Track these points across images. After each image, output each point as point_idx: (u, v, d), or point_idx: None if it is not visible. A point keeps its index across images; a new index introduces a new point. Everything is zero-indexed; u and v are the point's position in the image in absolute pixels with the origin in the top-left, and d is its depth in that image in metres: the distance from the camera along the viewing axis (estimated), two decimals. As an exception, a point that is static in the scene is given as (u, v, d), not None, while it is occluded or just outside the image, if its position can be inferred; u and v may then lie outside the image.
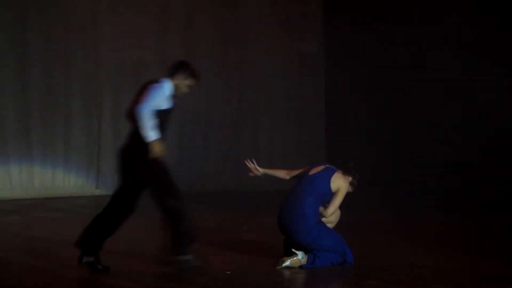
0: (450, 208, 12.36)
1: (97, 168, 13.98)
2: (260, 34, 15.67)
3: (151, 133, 6.66)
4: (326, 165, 7.47)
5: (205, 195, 14.10)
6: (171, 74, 7.05)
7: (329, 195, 7.21)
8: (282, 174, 7.77)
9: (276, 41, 15.82)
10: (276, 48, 15.82)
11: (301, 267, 7.03)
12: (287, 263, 7.03)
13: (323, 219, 7.25)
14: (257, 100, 15.70)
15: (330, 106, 16.40)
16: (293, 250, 7.07)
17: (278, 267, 7.02)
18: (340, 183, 7.22)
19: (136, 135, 6.76)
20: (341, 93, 16.02)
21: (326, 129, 16.48)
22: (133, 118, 6.77)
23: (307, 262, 7.05)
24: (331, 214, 7.24)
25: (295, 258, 7.04)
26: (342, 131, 16.09)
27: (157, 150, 6.72)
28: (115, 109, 14.11)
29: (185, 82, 7.08)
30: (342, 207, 7.31)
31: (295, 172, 7.63)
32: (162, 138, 6.82)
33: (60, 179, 13.56)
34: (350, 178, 7.34)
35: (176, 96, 7.02)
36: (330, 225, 7.30)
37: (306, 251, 7.08)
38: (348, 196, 7.29)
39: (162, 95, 6.83)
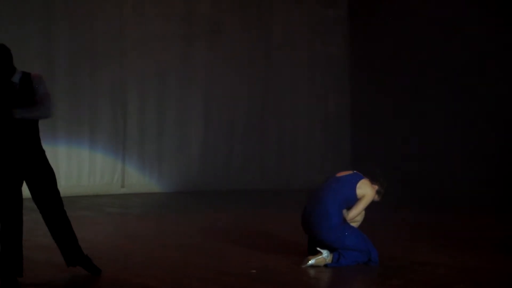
0: (475, 207, 12.28)
1: (123, 167, 14.03)
2: (286, 36, 15.64)
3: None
4: (354, 171, 7.44)
5: (229, 193, 14.11)
6: None
7: (353, 200, 7.18)
8: None
9: (302, 43, 15.80)
10: (302, 51, 15.79)
11: (326, 265, 7.02)
12: (312, 261, 7.01)
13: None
14: (282, 100, 15.66)
15: (355, 109, 16.36)
16: (318, 248, 7.06)
17: (303, 266, 7.01)
18: (366, 190, 7.18)
19: None
20: (366, 95, 15.96)
21: (351, 132, 16.44)
22: None
23: (332, 260, 7.03)
24: (353, 218, 7.21)
25: (320, 256, 7.02)
26: (367, 133, 16.00)
27: None
28: (140, 109, 14.16)
29: None
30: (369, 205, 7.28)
31: None
32: None
33: (85, 178, 13.63)
34: (376, 187, 7.30)
35: None
36: (354, 224, 7.27)
37: (331, 249, 7.06)
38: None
39: None
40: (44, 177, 6.50)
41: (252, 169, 15.36)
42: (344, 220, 7.16)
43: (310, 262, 7.01)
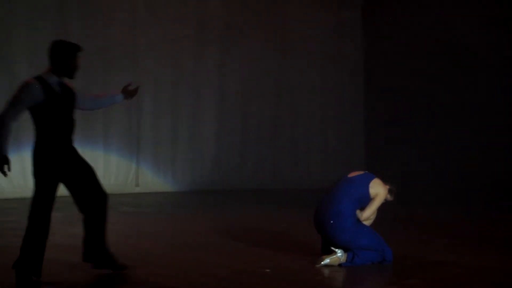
0: (494, 207, 12.25)
1: (137, 166, 14.07)
2: (300, 38, 15.66)
3: None
4: (366, 171, 7.46)
5: (243, 192, 14.13)
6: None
7: (366, 200, 7.19)
8: None
9: (316, 45, 15.80)
10: (316, 52, 15.80)
11: (340, 265, 7.02)
12: (327, 261, 7.01)
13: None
14: (295, 100, 15.69)
15: (369, 110, 16.36)
16: (332, 248, 7.06)
17: (317, 265, 7.02)
18: (379, 189, 7.19)
19: None
20: (380, 96, 15.96)
21: (365, 131, 16.44)
22: None
23: (347, 260, 7.03)
24: (367, 218, 7.21)
25: (334, 256, 7.02)
26: (381, 134, 15.99)
27: None
28: (155, 109, 14.21)
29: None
30: (383, 205, 7.28)
31: None
32: None
33: (100, 177, 13.62)
34: (388, 186, 7.30)
35: None
36: (367, 223, 7.28)
37: (345, 249, 7.07)
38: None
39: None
40: (86, 172, 6.84)
41: (266, 169, 15.38)
42: (358, 220, 7.17)
43: (324, 261, 7.02)
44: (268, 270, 6.87)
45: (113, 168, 13.81)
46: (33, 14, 12.84)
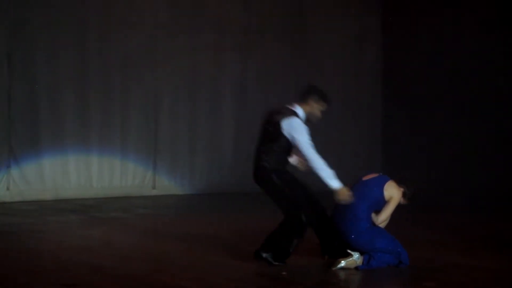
0: (502, 209, 12.21)
1: (154, 169, 14.11)
2: (319, 45, 15.67)
3: (331, 180, 7.11)
4: (380, 173, 7.46)
5: (260, 195, 14.11)
6: (303, 99, 7.33)
7: (381, 202, 7.19)
8: None
9: (336, 52, 15.83)
10: (336, 59, 15.82)
11: (356, 268, 7.02)
12: (343, 264, 7.01)
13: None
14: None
15: (387, 118, 16.36)
16: (349, 251, 7.06)
17: (333, 268, 7.02)
18: (393, 192, 7.20)
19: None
20: (399, 105, 15.95)
21: (382, 141, 16.47)
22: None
23: (363, 263, 7.03)
24: (382, 222, 7.21)
25: (350, 259, 7.02)
26: (399, 142, 15.96)
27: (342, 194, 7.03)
28: (171, 111, 14.25)
29: (318, 107, 7.36)
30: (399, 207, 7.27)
31: None
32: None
33: (117, 180, 13.72)
34: (403, 189, 7.29)
35: (308, 121, 7.29)
36: (381, 225, 7.27)
37: (361, 252, 7.06)
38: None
39: (303, 128, 7.20)
40: None
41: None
42: (373, 223, 7.17)
43: (340, 264, 7.02)
44: (284, 273, 6.88)
45: (130, 170, 13.85)
46: (53, 25, 12.89)
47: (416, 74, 15.65)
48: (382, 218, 7.18)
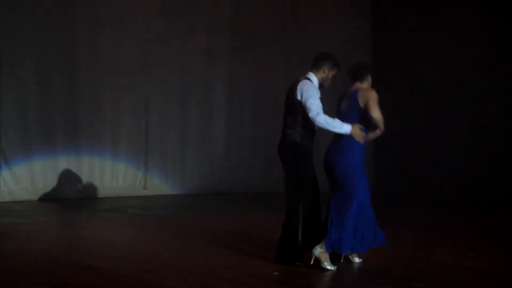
0: (504, 210, 12.23)
1: (145, 169, 14.10)
2: (311, 48, 15.65)
3: (342, 128, 7.23)
4: (350, 91, 7.53)
5: (252, 195, 14.14)
6: (316, 67, 7.54)
7: (364, 113, 7.25)
8: None
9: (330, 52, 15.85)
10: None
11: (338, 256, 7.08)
12: (316, 252, 7.00)
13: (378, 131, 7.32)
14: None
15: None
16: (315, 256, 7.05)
17: (312, 262, 7.02)
18: (364, 96, 7.29)
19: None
20: (387, 104, 15.88)
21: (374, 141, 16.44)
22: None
23: (325, 246, 6.99)
24: (379, 119, 7.26)
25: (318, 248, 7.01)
26: (390, 142, 15.95)
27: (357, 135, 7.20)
28: (162, 110, 14.24)
29: (331, 72, 7.59)
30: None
31: None
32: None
33: (108, 180, 13.70)
34: (366, 83, 7.45)
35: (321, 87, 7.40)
36: (380, 123, 7.29)
37: (344, 194, 7.09)
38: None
39: (316, 92, 7.30)
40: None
41: (275, 172, 15.34)
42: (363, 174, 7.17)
43: (315, 253, 7.01)
44: (276, 273, 6.88)
45: (121, 170, 13.83)
46: (41, 28, 12.86)
47: (407, 74, 15.65)
48: (376, 116, 7.23)
